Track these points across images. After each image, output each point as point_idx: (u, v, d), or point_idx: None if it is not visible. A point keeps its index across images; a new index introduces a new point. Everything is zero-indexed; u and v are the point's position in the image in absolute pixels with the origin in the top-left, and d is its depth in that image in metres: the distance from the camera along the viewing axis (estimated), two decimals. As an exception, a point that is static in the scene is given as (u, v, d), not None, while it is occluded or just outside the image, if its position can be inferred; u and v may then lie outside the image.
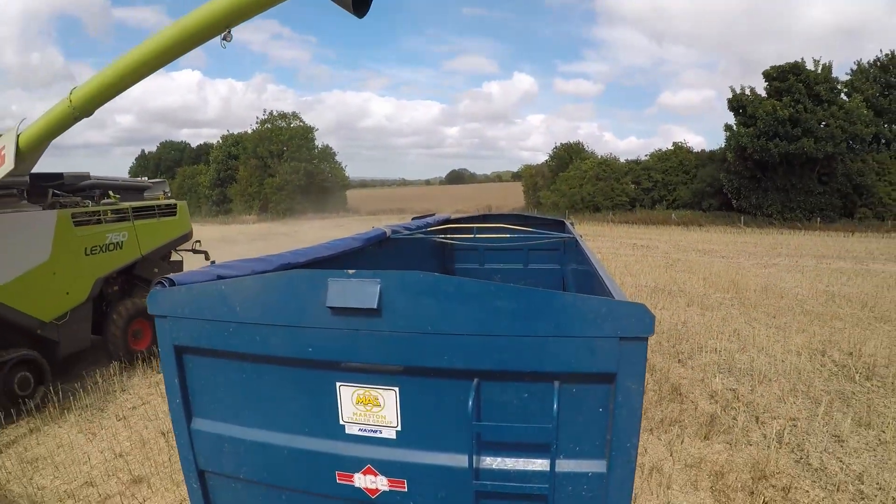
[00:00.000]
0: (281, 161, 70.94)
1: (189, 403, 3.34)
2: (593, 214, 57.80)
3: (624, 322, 2.57)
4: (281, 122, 73.63)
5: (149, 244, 12.46)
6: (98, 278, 11.07)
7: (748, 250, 32.66)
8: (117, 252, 11.60)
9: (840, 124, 46.61)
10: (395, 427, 2.96)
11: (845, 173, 48.31)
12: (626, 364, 2.61)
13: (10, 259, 9.58)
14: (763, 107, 48.15)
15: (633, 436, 2.72)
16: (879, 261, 27.70)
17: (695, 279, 21.38)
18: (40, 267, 9.99)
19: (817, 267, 25.36)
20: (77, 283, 10.52)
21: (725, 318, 14.90)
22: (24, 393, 9.56)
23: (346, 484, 3.05)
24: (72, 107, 7.56)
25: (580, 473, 2.80)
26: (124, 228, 11.79)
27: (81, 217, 10.87)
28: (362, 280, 2.81)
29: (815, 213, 48.54)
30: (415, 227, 7.79)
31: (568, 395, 2.76)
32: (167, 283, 3.22)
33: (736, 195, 51.79)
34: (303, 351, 2.95)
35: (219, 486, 3.44)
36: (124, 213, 11.96)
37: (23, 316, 9.62)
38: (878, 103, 50.77)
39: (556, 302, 2.66)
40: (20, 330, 9.75)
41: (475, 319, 2.71)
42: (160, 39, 6.96)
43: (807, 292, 18.88)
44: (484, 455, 2.92)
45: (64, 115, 7.83)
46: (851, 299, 17.40)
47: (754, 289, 19.46)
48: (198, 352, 3.24)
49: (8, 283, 9.43)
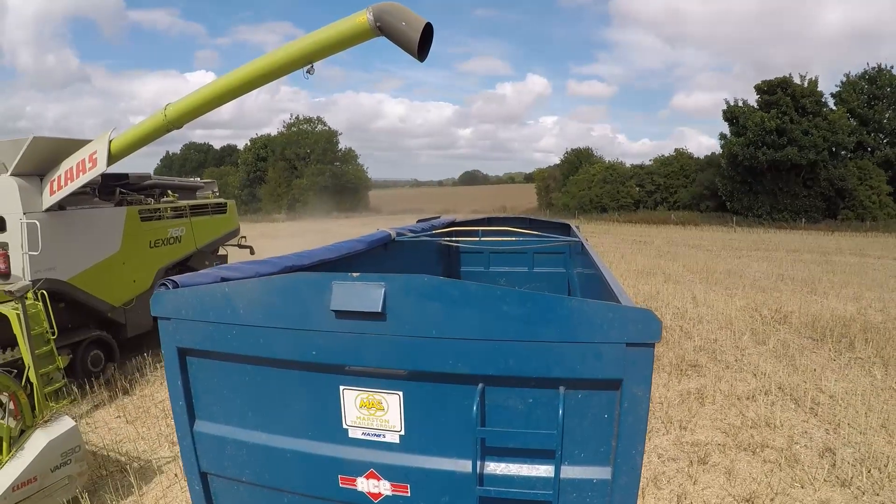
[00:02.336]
0: (307, 163, 72.52)
1: (192, 405, 3.23)
2: (600, 215, 59.58)
3: (631, 328, 2.48)
4: (306, 125, 75.48)
5: (203, 238, 13.22)
6: (160, 268, 11.86)
7: (732, 245, 35.28)
8: (177, 245, 12.39)
9: (823, 134, 48.96)
10: (398, 431, 2.86)
11: (828, 178, 50.44)
12: (633, 370, 2.52)
13: (87, 250, 10.28)
14: (752, 118, 50.64)
15: (639, 443, 2.62)
16: (844, 254, 30.68)
17: (675, 265, 25.08)
18: (112, 257, 10.75)
19: (785, 258, 28.46)
20: (142, 272, 11.27)
21: (689, 289, 18.92)
22: (96, 369, 10.37)
23: (348, 488, 2.95)
24: (166, 119, 8.49)
25: (585, 480, 2.71)
26: (182, 224, 12.56)
27: (146, 213, 11.67)
28: (367, 283, 2.71)
29: (800, 214, 50.75)
30: (419, 230, 7.72)
31: (573, 401, 2.66)
32: (171, 284, 3.10)
33: (729, 198, 53.99)
34: (306, 354, 2.86)
35: (221, 488, 3.33)
36: (182, 210, 12.68)
37: (97, 300, 10.31)
38: (864, 113, 52.89)
39: (563, 307, 2.56)
40: (93, 313, 10.45)
41: (480, 324, 2.62)
42: (249, 70, 7.81)
43: (763, 275, 22.47)
44: (488, 461, 2.82)
45: (157, 126, 8.70)
46: (796, 280, 21.14)
47: (721, 272, 23.10)
48: (201, 354, 3.13)
49: (85, 271, 10.11)
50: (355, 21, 6.82)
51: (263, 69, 7.66)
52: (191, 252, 12.73)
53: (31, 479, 5.72)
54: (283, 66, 7.53)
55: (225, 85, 7.98)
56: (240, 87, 7.94)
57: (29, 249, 9.07)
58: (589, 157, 69.89)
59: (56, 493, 6.00)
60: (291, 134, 75.09)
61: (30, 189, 9.48)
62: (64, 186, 9.49)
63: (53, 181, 9.59)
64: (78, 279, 9.90)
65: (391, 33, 6.75)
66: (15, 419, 5.92)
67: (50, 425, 6.08)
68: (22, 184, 9.38)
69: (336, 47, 7.26)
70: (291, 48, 7.38)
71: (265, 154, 75.87)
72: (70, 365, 9.42)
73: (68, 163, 9.51)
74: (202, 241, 13.07)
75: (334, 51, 7.36)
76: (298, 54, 7.35)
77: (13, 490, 5.53)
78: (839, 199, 51.18)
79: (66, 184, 9.47)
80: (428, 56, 7.05)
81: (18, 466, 5.66)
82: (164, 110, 8.43)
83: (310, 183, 71.15)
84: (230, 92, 8.03)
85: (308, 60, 7.35)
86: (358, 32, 6.92)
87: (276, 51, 7.62)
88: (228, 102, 8.40)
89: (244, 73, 7.79)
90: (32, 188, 9.53)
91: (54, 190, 9.56)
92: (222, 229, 13.98)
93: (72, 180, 9.42)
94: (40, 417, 6.14)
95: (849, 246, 36.04)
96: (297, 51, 7.34)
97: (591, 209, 61.96)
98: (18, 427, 5.93)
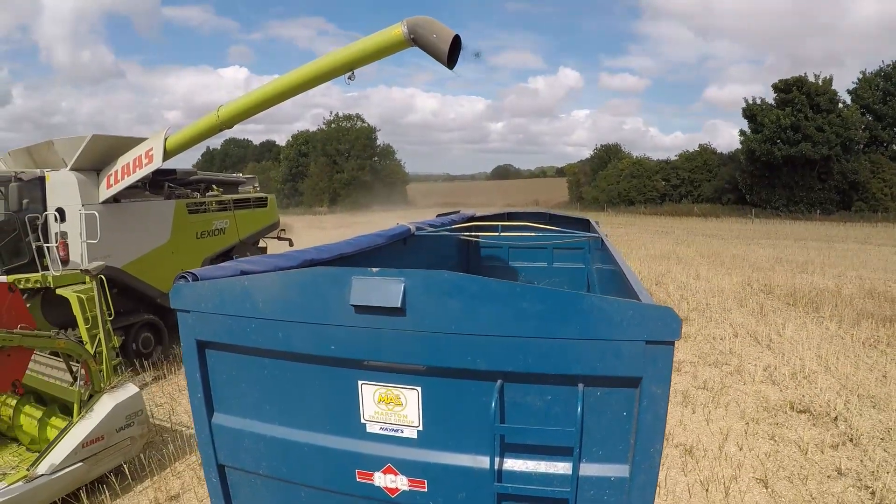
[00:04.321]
0: (347, 159, 74.46)
1: (210, 398, 3.18)
2: (627, 208, 61.45)
3: (651, 325, 2.42)
4: (346, 122, 77.56)
5: (245, 230, 13.51)
6: (206, 258, 12.11)
7: (746, 235, 36.52)
8: (221, 236, 12.68)
9: (836, 130, 50.00)
10: (416, 427, 2.80)
11: (841, 172, 51.84)
12: (652, 368, 2.46)
13: (139, 240, 10.64)
14: (769, 116, 52.22)
15: (657, 441, 2.55)
16: (848, 242, 32.13)
17: (689, 251, 27.16)
18: (162, 247, 11.10)
19: (791, 245, 30.06)
20: (190, 261, 11.37)
21: (695, 269, 21.13)
22: (146, 351, 10.74)
23: (365, 483, 2.89)
24: (219, 120, 8.81)
25: (603, 478, 2.65)
26: (226, 217, 12.85)
27: (193, 206, 11.98)
28: (386, 278, 2.65)
29: (815, 206, 52.19)
30: (439, 225, 7.60)
31: (592, 398, 2.60)
32: (190, 277, 3.03)
33: (749, 191, 55.54)
34: (325, 349, 2.79)
35: (238, 480, 3.28)
36: (226, 203, 12.96)
37: (148, 287, 10.64)
38: (879, 109, 53.87)
39: (582, 304, 2.50)
40: (144, 298, 10.77)
41: (500, 320, 2.55)
42: (297, 76, 8.14)
43: (764, 258, 24.37)
44: (506, 457, 2.75)
45: (210, 126, 9.01)
46: (792, 262, 23.00)
47: (728, 256, 25.24)
48: (220, 347, 3.07)
49: (137, 259, 10.48)
50: (392, 33, 7.19)
51: (309, 75, 8.09)
52: (234, 243, 13.03)
53: (99, 437, 6.14)
54: (327, 72, 7.96)
55: (274, 89, 8.43)
56: (288, 91, 8.40)
57: (87, 238, 9.40)
58: (617, 153, 71.34)
59: (120, 451, 6.43)
60: (331, 130, 76.91)
61: (88, 183, 9.83)
62: (120, 180, 9.80)
63: (110, 175, 9.91)
64: (131, 267, 10.28)
65: (423, 44, 7.09)
66: (85, 385, 6.32)
67: (116, 391, 6.48)
68: (80, 178, 9.75)
69: (374, 56, 7.64)
70: (335, 57, 7.80)
71: (306, 150, 77.65)
72: (122, 346, 9.65)
73: (125, 159, 9.82)
74: (244, 232, 13.38)
75: (373, 59, 7.74)
76: (341, 62, 7.75)
77: (83, 446, 5.97)
78: (853, 192, 52.44)
79: (123, 178, 9.79)
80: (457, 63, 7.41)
81: (88, 426, 6.08)
82: (217, 111, 8.82)
83: (350, 177, 73.01)
84: (279, 95, 8.47)
85: (350, 67, 7.74)
86: (394, 43, 7.29)
87: (321, 59, 8.04)
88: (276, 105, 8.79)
89: (292, 78, 8.24)
90: (90, 182, 9.88)
91: (111, 184, 9.88)
92: (263, 222, 14.28)
93: (128, 175, 9.73)
94: (108, 383, 6.53)
95: (856, 235, 37.07)
96: (340, 59, 7.74)
97: (619, 202, 63.45)
98: (87, 392, 6.32)
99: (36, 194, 9.65)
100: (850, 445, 7.25)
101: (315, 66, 7.99)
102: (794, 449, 7.20)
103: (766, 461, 6.91)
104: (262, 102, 8.62)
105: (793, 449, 7.20)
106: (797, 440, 7.42)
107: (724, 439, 7.47)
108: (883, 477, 6.36)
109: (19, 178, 9.46)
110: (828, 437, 7.49)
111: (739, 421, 8.03)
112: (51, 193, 9.71)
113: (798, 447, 7.23)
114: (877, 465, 6.71)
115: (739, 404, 8.60)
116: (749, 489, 6.30)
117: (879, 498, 6.03)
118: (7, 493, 5.33)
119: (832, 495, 6.17)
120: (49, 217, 9.48)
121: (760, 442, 7.43)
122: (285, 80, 8.29)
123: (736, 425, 7.88)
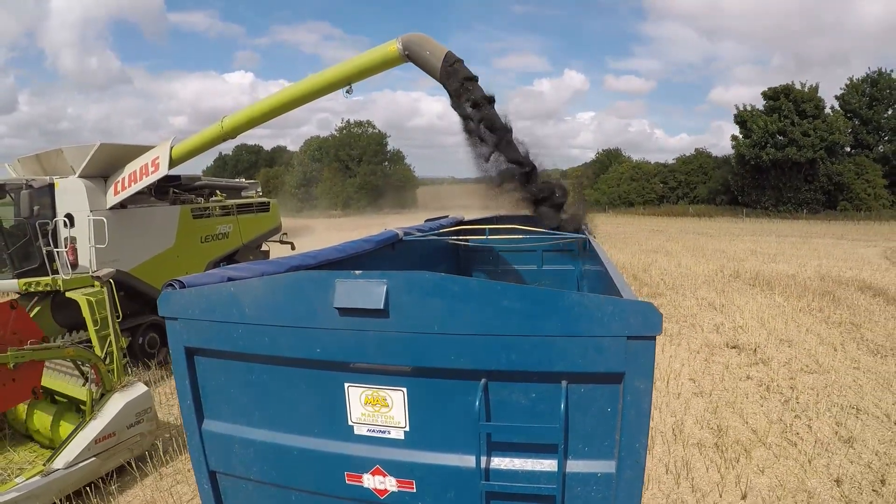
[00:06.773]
0: (360, 164, 75.68)
1: (200, 405, 3.14)
2: (627, 209, 63.49)
3: (631, 321, 2.42)
4: (357, 129, 79.11)
5: (248, 235, 13.52)
6: (210, 261, 12.12)
7: (734, 232, 37.86)
8: (224, 241, 12.69)
9: (820, 134, 51.86)
10: (403, 427, 2.78)
11: (826, 174, 53.66)
12: (634, 363, 2.46)
13: (145, 244, 10.61)
14: (757, 122, 54.24)
15: (642, 436, 2.54)
16: (825, 238, 33.91)
17: (677, 246, 29.05)
18: (167, 251, 11.10)
19: (770, 241, 31.64)
20: (194, 264, 11.44)
21: (678, 260, 23.24)
22: (151, 350, 10.66)
23: (355, 484, 2.86)
24: (223, 130, 8.89)
25: (589, 474, 2.65)
26: (229, 221, 12.86)
27: (197, 211, 11.95)
28: (369, 280, 2.63)
29: (802, 206, 53.99)
30: (427, 229, 7.47)
31: (576, 395, 2.59)
32: (177, 285, 2.98)
33: (740, 192, 57.30)
34: (311, 352, 2.77)
35: (230, 486, 3.24)
36: (229, 208, 12.95)
37: (154, 290, 10.31)
38: (864, 114, 55.90)
39: (563, 301, 2.48)
40: (150, 301, 10.32)
41: (482, 319, 2.54)
42: (297, 89, 8.32)
43: (741, 251, 26.30)
44: (492, 455, 2.73)
45: (214, 136, 9.14)
46: (765, 254, 25.13)
47: (711, 249, 27.21)
48: (208, 353, 3.04)
49: (143, 263, 10.47)
50: (387, 49, 7.31)
51: (309, 89, 8.31)
52: (237, 247, 13.08)
53: (111, 434, 6.23)
54: (325, 86, 8.13)
55: (275, 102, 8.64)
56: (288, 104, 8.63)
57: (96, 243, 9.45)
58: (618, 157, 73.67)
59: (130, 447, 6.52)
60: (343, 136, 78.49)
61: (95, 189, 9.87)
62: (128, 187, 9.87)
63: (118, 182, 9.96)
64: (137, 270, 10.33)
65: (417, 60, 7.14)
66: (96, 385, 6.42)
67: (126, 389, 6.57)
68: (89, 185, 9.79)
69: (370, 71, 7.84)
70: (332, 73, 8.00)
71: (319, 156, 79.04)
72: (129, 346, 9.71)
73: (132, 166, 9.89)
74: (247, 236, 13.44)
75: (369, 74, 7.92)
76: (339, 77, 7.89)
77: (95, 442, 6.07)
78: (838, 193, 54.25)
79: (130, 185, 9.86)
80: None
81: (100, 423, 6.18)
82: (221, 122, 8.92)
83: (362, 182, 74.39)
84: (280, 108, 8.66)
85: (347, 81, 7.95)
86: (389, 59, 7.38)
87: (320, 74, 8.18)
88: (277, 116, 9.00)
89: (291, 92, 8.46)
90: (98, 189, 9.92)
91: (118, 190, 9.93)
92: (266, 226, 14.36)
93: (135, 182, 9.81)
94: (119, 383, 6.58)
95: (836, 232, 38.55)
96: (337, 74, 7.88)
97: (619, 204, 65.41)
98: (99, 392, 6.41)
99: (46, 201, 9.77)
100: (760, 365, 9.89)
101: (313, 82, 8.22)
102: (720, 366, 9.88)
103: (699, 371, 9.65)
104: (263, 114, 8.92)
105: (720, 366, 9.89)
106: (724, 362, 10.11)
107: (671, 359, 10.14)
108: (777, 379, 9.12)
109: (30, 185, 9.55)
110: (745, 360, 10.25)
111: (686, 352, 10.75)
112: (60, 200, 9.82)
113: (724, 365, 9.94)
114: (776, 373, 9.44)
115: (689, 344, 11.25)
116: (683, 384, 9.07)
117: (771, 389, 8.79)
118: (25, 486, 5.54)
119: (739, 388, 8.83)
120: (59, 223, 9.57)
121: (697, 362, 10.12)
122: (285, 94, 8.58)
123: (682, 354, 10.59)
